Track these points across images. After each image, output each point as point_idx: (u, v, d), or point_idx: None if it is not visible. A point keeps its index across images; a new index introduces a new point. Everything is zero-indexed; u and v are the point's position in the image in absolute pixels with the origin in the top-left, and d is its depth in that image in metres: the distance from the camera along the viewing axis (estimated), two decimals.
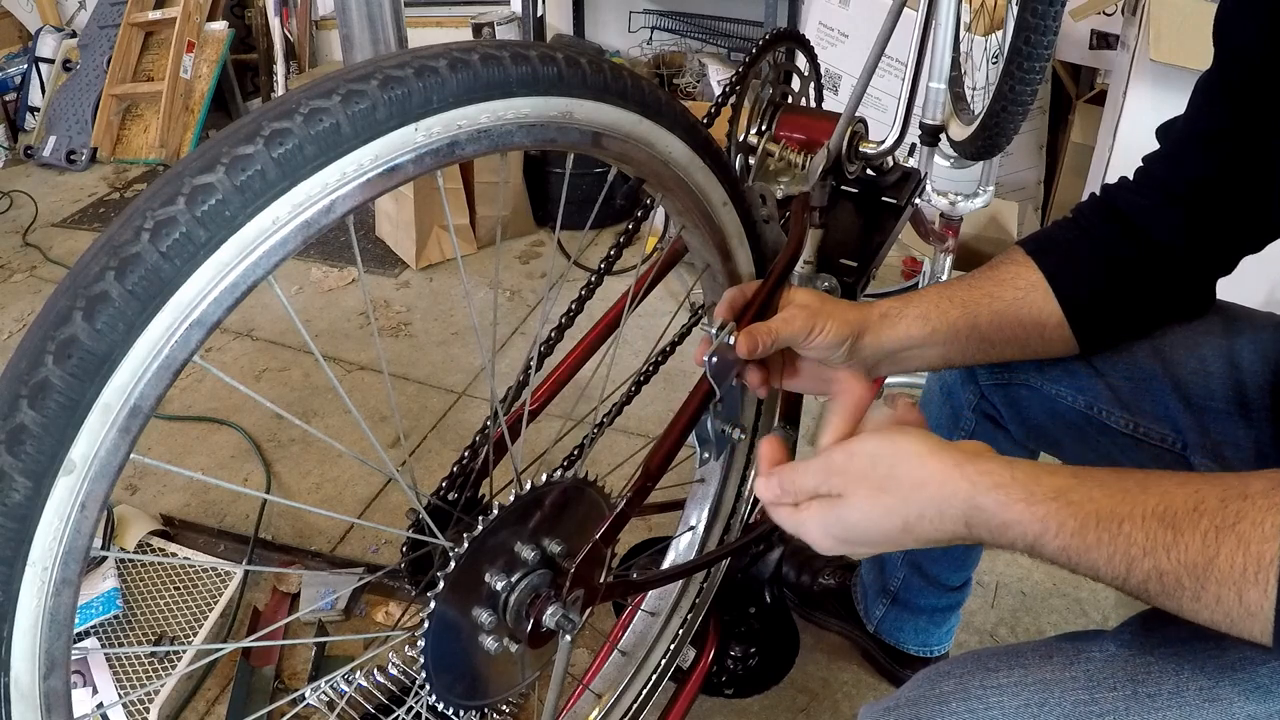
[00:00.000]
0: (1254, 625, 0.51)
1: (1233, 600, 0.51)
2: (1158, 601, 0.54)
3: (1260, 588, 0.50)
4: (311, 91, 0.49)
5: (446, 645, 0.70)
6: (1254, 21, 0.74)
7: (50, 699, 0.47)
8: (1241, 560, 0.50)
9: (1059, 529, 0.56)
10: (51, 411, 0.43)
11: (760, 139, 1.04)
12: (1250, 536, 0.50)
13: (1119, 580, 0.55)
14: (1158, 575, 0.53)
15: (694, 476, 1.07)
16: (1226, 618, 0.52)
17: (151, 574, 1.51)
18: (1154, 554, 0.53)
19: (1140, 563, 0.54)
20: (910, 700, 0.70)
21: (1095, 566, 0.55)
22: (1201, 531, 0.52)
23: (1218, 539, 0.51)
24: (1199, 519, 0.52)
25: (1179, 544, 0.52)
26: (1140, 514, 0.54)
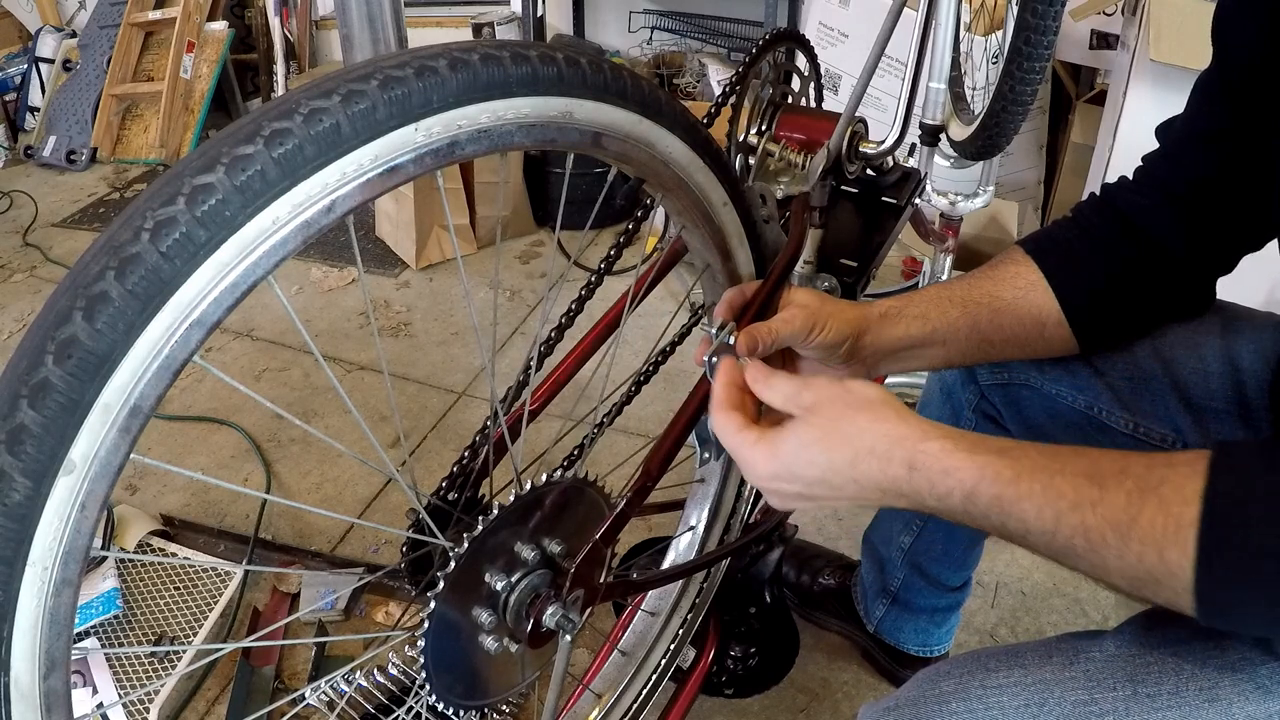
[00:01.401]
0: (1175, 584, 0.53)
1: (1154, 559, 0.53)
2: (1086, 560, 0.56)
3: (1180, 548, 0.52)
4: (311, 91, 0.49)
5: (446, 645, 0.70)
6: (1253, 21, 0.74)
7: (50, 699, 0.47)
8: (1163, 521, 0.52)
9: (995, 478, 0.57)
10: (51, 411, 0.43)
11: (760, 139, 1.04)
12: (1171, 499, 0.53)
13: (1049, 534, 0.56)
14: (1084, 530, 0.55)
15: (694, 476, 1.07)
16: (1150, 575, 0.54)
17: (151, 574, 1.51)
18: (1081, 509, 0.55)
19: (1068, 516, 0.55)
20: (910, 700, 0.70)
21: (1026, 518, 0.57)
22: (1126, 491, 0.54)
23: (1141, 499, 0.53)
24: (1124, 480, 0.54)
25: (1104, 501, 0.54)
26: (1070, 471, 0.56)
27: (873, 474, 0.61)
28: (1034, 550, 0.59)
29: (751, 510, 1.14)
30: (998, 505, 0.57)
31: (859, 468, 0.61)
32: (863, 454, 0.61)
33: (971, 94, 1.79)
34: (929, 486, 0.59)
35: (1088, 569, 0.56)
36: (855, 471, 0.61)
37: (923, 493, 0.60)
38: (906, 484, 0.60)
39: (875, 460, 0.60)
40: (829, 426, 0.62)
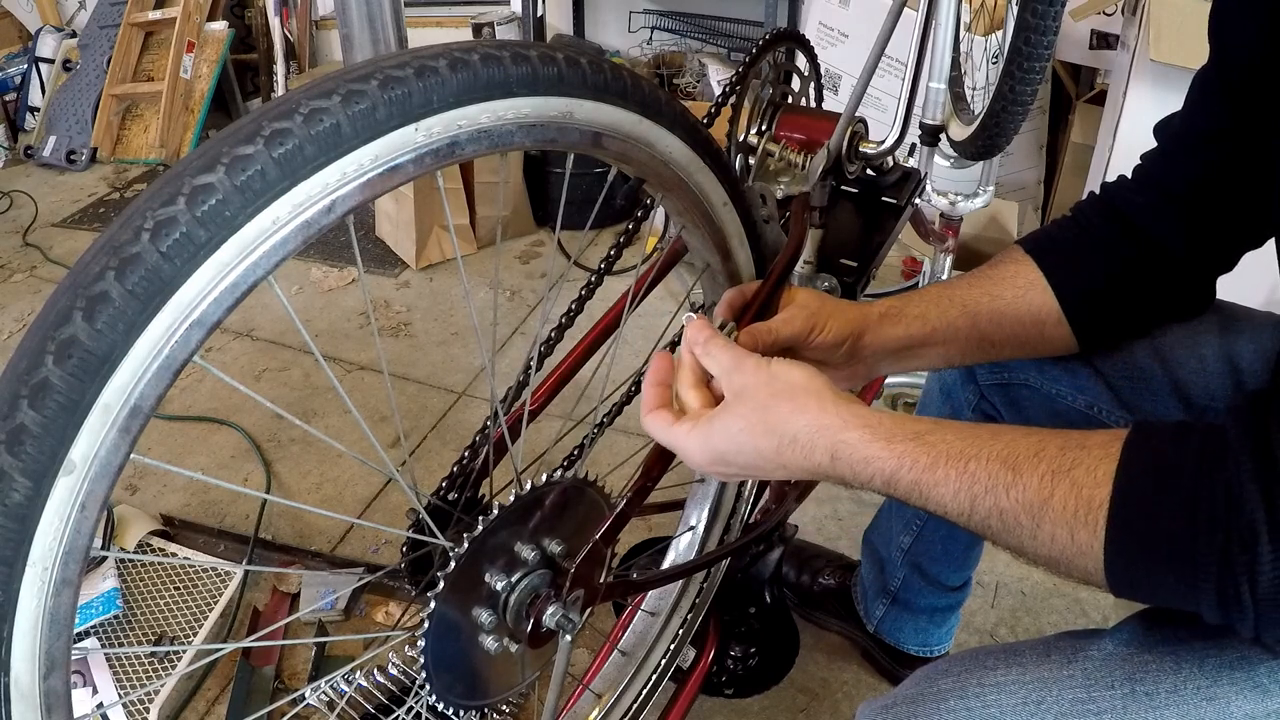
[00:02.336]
0: (1086, 563, 0.54)
1: (1065, 539, 0.54)
2: (1002, 539, 0.57)
3: (1090, 529, 0.53)
4: (311, 91, 0.49)
5: (446, 645, 0.71)
6: (1252, 20, 0.74)
7: (50, 699, 0.47)
8: (1074, 503, 0.54)
9: (912, 465, 0.59)
10: (51, 411, 0.43)
11: (760, 139, 1.04)
12: (1083, 481, 0.54)
13: (965, 515, 0.58)
14: (999, 512, 0.56)
15: (694, 476, 1.07)
16: (1063, 554, 0.55)
17: (151, 574, 1.51)
18: (995, 492, 0.56)
19: (983, 500, 0.57)
20: (908, 698, 0.71)
21: (943, 501, 0.58)
22: (1039, 474, 0.55)
23: (1054, 481, 0.55)
24: (1038, 463, 0.56)
25: (1018, 484, 0.55)
26: (986, 455, 0.57)
27: (798, 460, 0.63)
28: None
29: (751, 510, 1.14)
30: (916, 490, 0.59)
31: (784, 455, 0.63)
32: (786, 443, 0.63)
33: (971, 94, 1.79)
34: (851, 473, 0.61)
35: (1005, 547, 0.58)
36: (781, 458, 0.63)
37: (846, 478, 0.62)
38: (830, 470, 0.62)
39: (799, 449, 0.62)
40: (753, 416, 0.63)
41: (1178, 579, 0.52)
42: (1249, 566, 0.49)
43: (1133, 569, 0.54)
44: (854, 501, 1.69)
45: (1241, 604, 0.50)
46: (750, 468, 0.65)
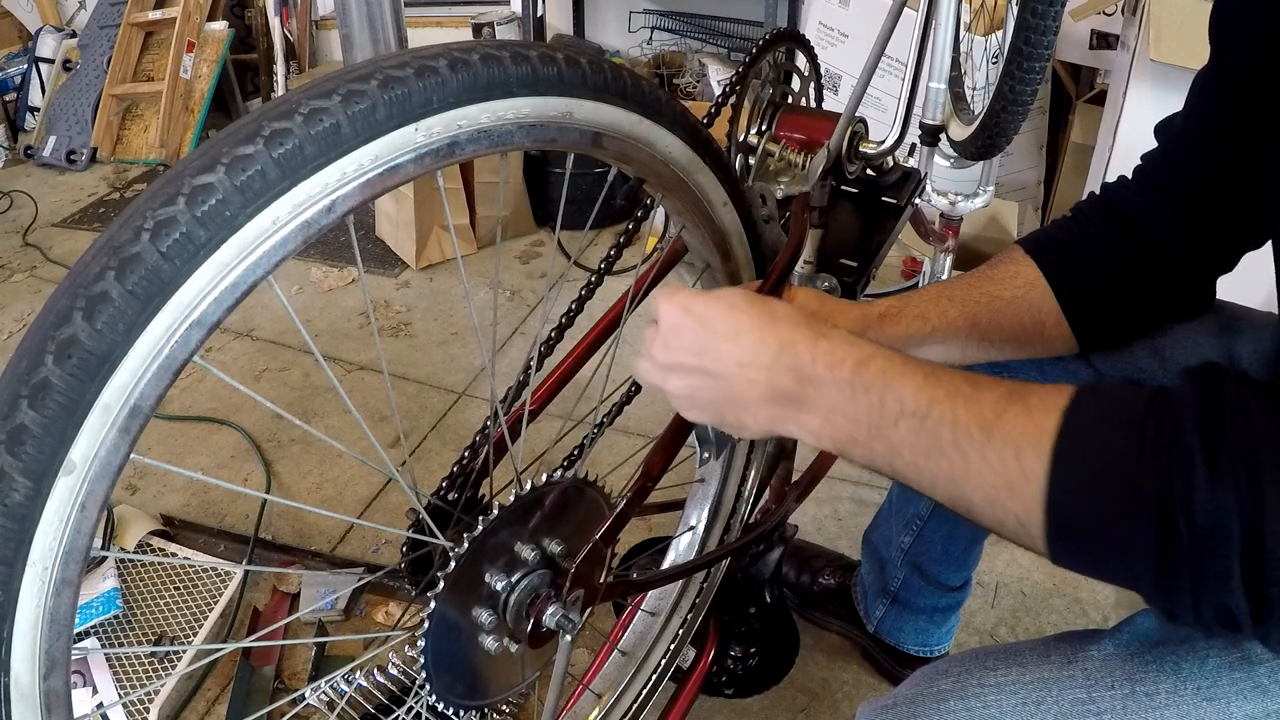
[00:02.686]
0: (1028, 492, 0.53)
1: (1012, 461, 0.53)
2: (947, 454, 0.56)
3: (1037, 453, 0.53)
4: (311, 91, 0.49)
5: (446, 645, 0.71)
6: (1252, 20, 0.74)
7: (50, 699, 0.47)
8: (1024, 424, 0.54)
9: (889, 356, 0.60)
10: (51, 411, 0.43)
11: (760, 139, 1.04)
12: (1036, 407, 0.54)
13: (919, 417, 0.57)
14: (952, 420, 0.56)
15: (694, 476, 1.07)
16: (1006, 481, 0.54)
17: (151, 574, 1.51)
18: (954, 399, 0.56)
19: (941, 403, 0.57)
20: (908, 698, 0.71)
21: (903, 396, 0.58)
22: (997, 394, 0.56)
23: (1009, 402, 0.55)
24: (997, 385, 0.57)
25: (977, 398, 0.56)
26: (952, 373, 0.59)
27: (782, 332, 0.62)
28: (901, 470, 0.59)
29: (751, 510, 1.14)
30: (882, 379, 0.59)
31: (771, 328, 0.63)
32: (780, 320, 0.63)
33: (971, 94, 1.79)
34: (828, 350, 0.61)
35: (947, 478, 0.57)
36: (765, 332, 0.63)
37: (818, 358, 0.61)
38: (808, 347, 0.61)
39: (789, 323, 0.63)
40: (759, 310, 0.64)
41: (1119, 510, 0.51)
42: (1186, 498, 0.48)
43: (1073, 500, 0.52)
44: (854, 502, 1.69)
45: (1180, 540, 0.48)
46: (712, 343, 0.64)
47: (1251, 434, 0.48)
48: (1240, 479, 0.47)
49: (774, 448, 1.15)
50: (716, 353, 0.64)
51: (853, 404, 0.59)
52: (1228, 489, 0.47)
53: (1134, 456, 0.50)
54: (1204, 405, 0.50)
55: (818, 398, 0.61)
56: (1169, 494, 0.49)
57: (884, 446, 0.59)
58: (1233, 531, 0.47)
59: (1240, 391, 0.50)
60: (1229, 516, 0.47)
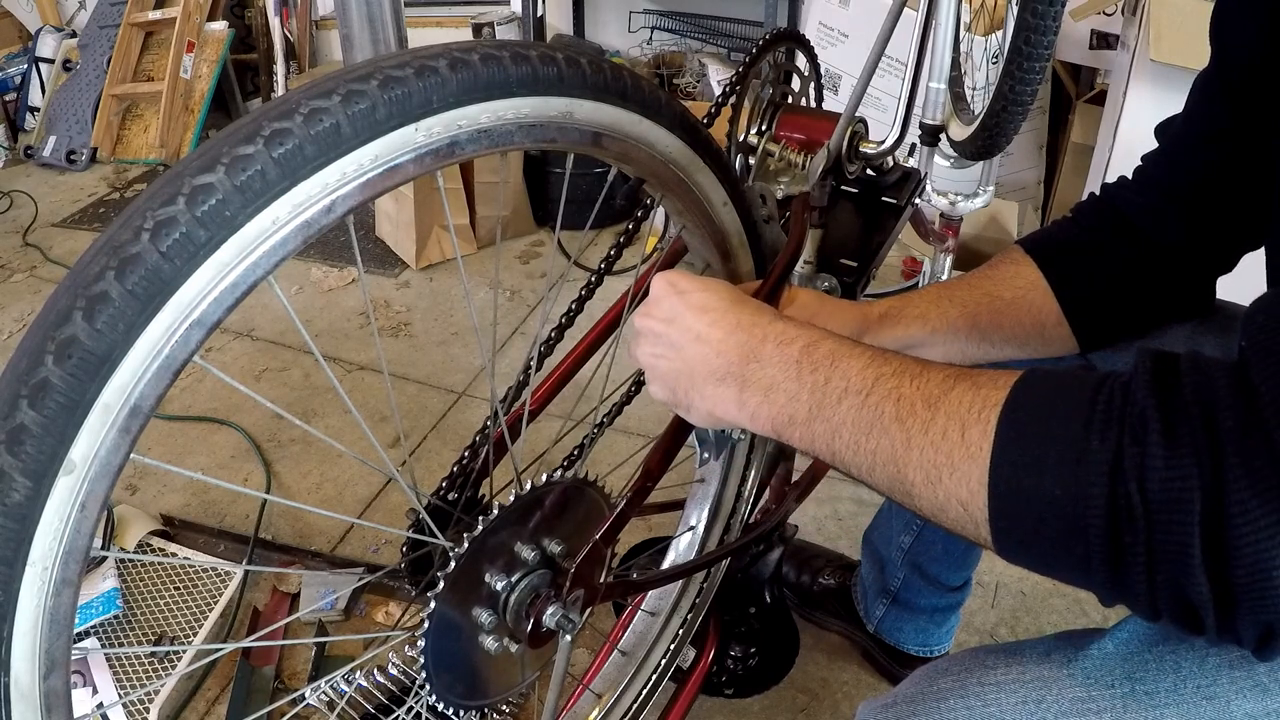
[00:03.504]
0: (970, 468, 0.50)
1: (956, 436, 0.51)
2: (889, 430, 0.54)
3: (981, 426, 0.51)
4: (311, 91, 0.49)
5: (446, 645, 0.71)
6: (1252, 20, 0.74)
7: (50, 699, 0.47)
8: (970, 398, 0.52)
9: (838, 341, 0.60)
10: (51, 411, 0.43)
11: (760, 139, 1.04)
12: (983, 383, 0.53)
13: (865, 389, 0.56)
14: (897, 397, 0.55)
15: (694, 476, 1.07)
16: (949, 459, 0.52)
17: (151, 574, 1.51)
18: (900, 376, 0.56)
19: (887, 380, 0.56)
20: (908, 697, 0.71)
21: (849, 374, 0.57)
22: (944, 374, 0.55)
23: (956, 381, 0.54)
24: (947, 367, 0.56)
25: (923, 376, 0.55)
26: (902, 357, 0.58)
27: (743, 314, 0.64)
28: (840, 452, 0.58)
29: (751, 510, 1.14)
30: (830, 359, 0.59)
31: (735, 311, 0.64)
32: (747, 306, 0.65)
33: (971, 94, 1.79)
34: (781, 331, 0.61)
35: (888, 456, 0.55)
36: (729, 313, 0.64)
37: (769, 337, 0.61)
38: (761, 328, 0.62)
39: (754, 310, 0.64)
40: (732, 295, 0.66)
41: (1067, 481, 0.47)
42: (1139, 463, 0.44)
43: (1018, 476, 0.49)
44: (854, 502, 1.69)
45: (1132, 509, 0.44)
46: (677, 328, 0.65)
47: (1214, 399, 0.44)
48: (1200, 445, 0.43)
49: (774, 448, 1.14)
50: (682, 323, 0.65)
51: (796, 382, 0.59)
52: (1186, 457, 0.43)
53: (1083, 425, 0.47)
54: (1159, 373, 0.47)
55: (759, 375, 0.61)
56: (1120, 462, 0.45)
57: (825, 427, 0.58)
58: (1192, 503, 0.43)
59: (1198, 361, 0.47)
60: (1188, 486, 0.43)
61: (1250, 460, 0.42)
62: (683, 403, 0.67)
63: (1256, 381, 0.44)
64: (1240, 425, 0.43)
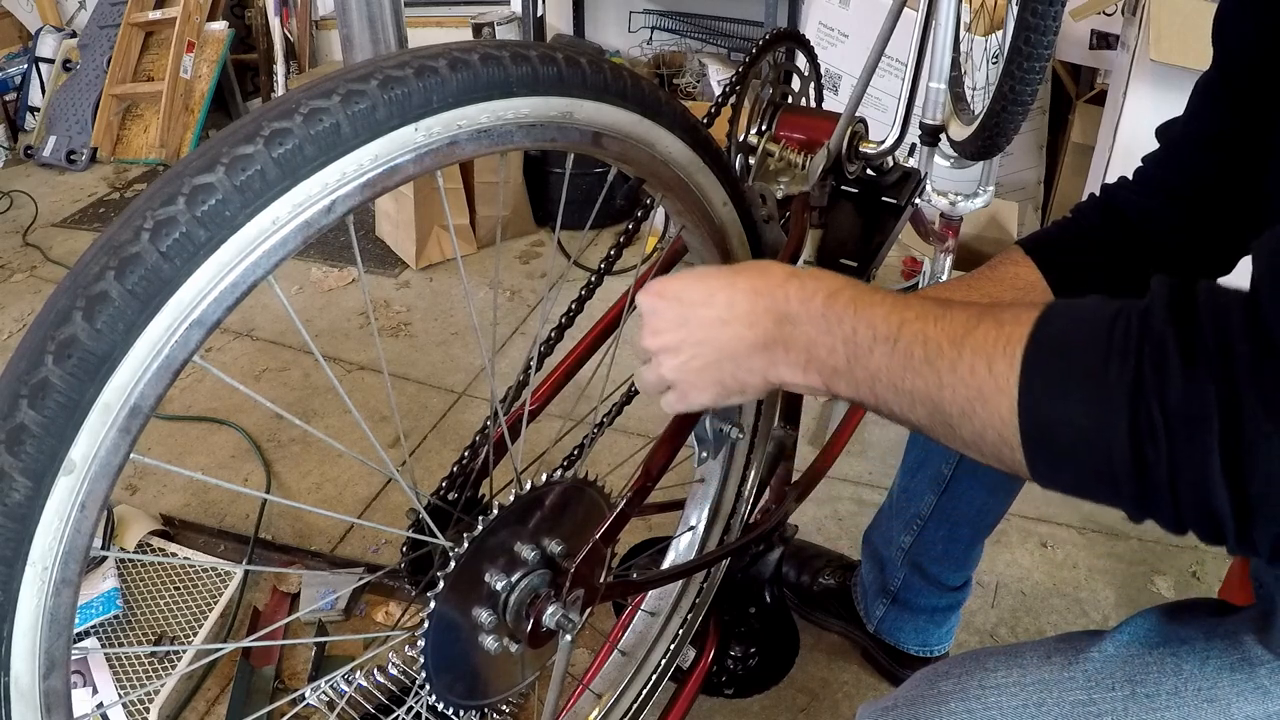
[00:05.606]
0: (1000, 400, 0.52)
1: (984, 371, 0.53)
2: (920, 372, 0.56)
3: (1008, 360, 0.52)
4: (311, 91, 0.49)
5: (447, 645, 0.70)
6: (1253, 21, 0.74)
7: (50, 699, 0.47)
8: (995, 334, 0.53)
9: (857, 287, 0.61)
10: (51, 411, 0.43)
11: (760, 139, 1.04)
12: (1007, 320, 0.54)
13: (891, 340, 0.58)
14: (923, 339, 0.56)
15: (694, 476, 1.07)
16: (979, 392, 0.53)
17: (151, 574, 1.51)
18: (924, 320, 0.57)
19: (912, 324, 0.57)
20: (909, 699, 0.71)
21: (874, 320, 0.58)
22: (969, 313, 0.56)
23: (980, 319, 0.55)
24: (969, 306, 0.57)
25: (947, 317, 0.56)
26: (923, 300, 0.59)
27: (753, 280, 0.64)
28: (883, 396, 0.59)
29: (751, 510, 1.14)
30: (852, 307, 0.60)
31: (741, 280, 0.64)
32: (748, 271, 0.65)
33: (971, 94, 1.79)
34: (799, 287, 0.62)
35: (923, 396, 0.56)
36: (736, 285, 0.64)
37: (790, 295, 0.62)
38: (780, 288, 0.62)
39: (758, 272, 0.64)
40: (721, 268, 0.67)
41: (1090, 407, 0.49)
42: (1159, 385, 0.47)
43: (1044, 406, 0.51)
44: (854, 502, 1.69)
45: (1154, 427, 0.47)
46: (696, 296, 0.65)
47: (1229, 323, 0.47)
48: (1216, 367, 0.46)
49: (774, 448, 1.14)
50: (697, 319, 0.65)
51: (829, 336, 0.60)
52: (1203, 377, 0.46)
53: (1103, 356, 0.49)
54: (1175, 302, 0.49)
55: (797, 334, 0.61)
56: (1141, 386, 0.47)
57: (864, 374, 0.59)
58: (1210, 418, 0.46)
59: (1213, 289, 0.49)
60: (1206, 403, 0.46)
61: (1263, 386, 0.45)
62: (735, 388, 0.66)
63: (1267, 311, 0.46)
64: (1253, 352, 0.46)
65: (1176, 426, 0.46)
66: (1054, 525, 1.64)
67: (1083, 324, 0.51)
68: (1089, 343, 0.50)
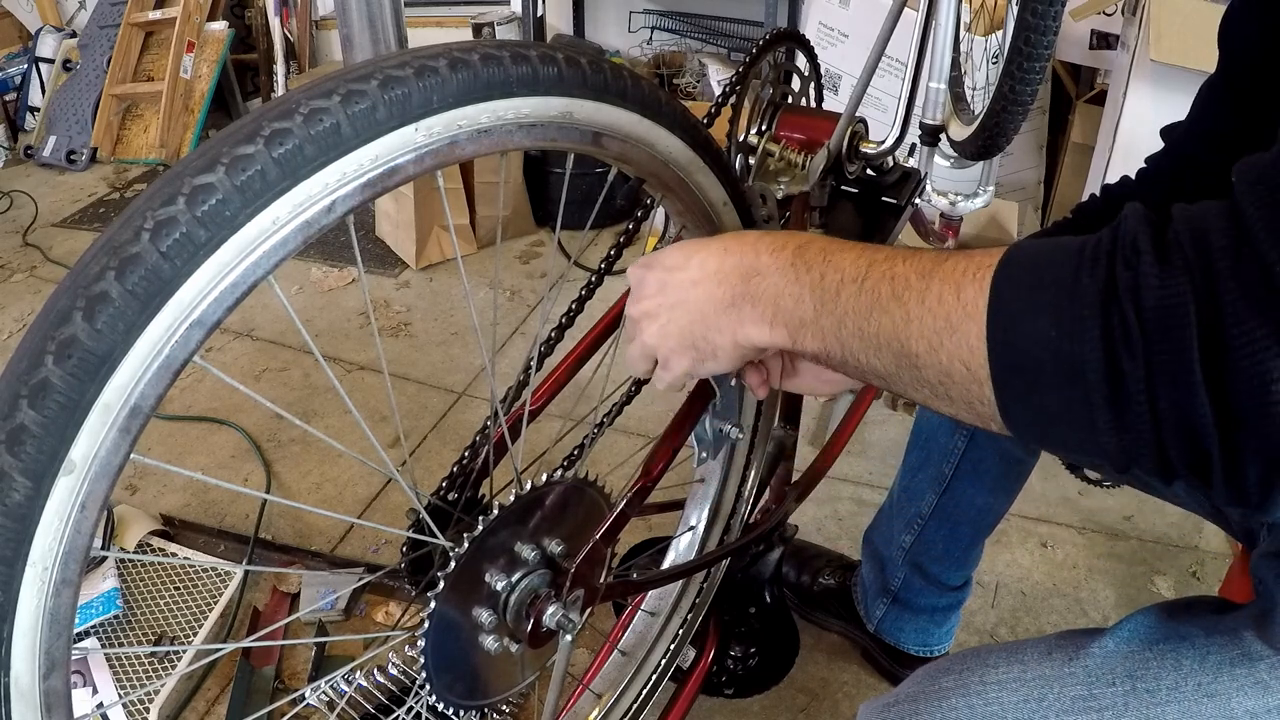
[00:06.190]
0: (969, 327, 0.50)
1: (951, 299, 0.51)
2: (888, 309, 0.55)
3: (976, 285, 0.50)
4: (311, 91, 0.49)
5: (447, 645, 0.70)
6: (1258, 23, 0.74)
7: (50, 699, 0.47)
8: (964, 265, 0.52)
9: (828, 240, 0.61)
10: (51, 411, 0.43)
11: (760, 139, 1.04)
12: (977, 254, 0.53)
13: (860, 276, 0.57)
14: (891, 275, 0.55)
15: (694, 476, 1.07)
16: (947, 322, 0.51)
17: (151, 574, 1.51)
18: (893, 260, 0.56)
19: (880, 264, 0.56)
20: (910, 696, 0.71)
21: (843, 266, 0.58)
22: (935, 253, 0.55)
23: (949, 255, 0.54)
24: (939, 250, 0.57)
25: (915, 256, 0.56)
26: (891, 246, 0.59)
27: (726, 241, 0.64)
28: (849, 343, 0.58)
29: (751, 510, 1.14)
30: (823, 254, 0.59)
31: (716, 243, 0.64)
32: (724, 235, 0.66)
33: (971, 94, 1.79)
34: (770, 241, 0.62)
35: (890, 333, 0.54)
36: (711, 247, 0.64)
37: (761, 250, 0.62)
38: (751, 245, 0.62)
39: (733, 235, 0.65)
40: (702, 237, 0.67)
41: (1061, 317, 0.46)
42: (1132, 284, 0.44)
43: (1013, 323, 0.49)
44: (854, 502, 1.69)
45: (1128, 330, 0.44)
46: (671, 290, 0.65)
47: (1205, 224, 0.44)
48: (1193, 264, 0.43)
49: (774, 448, 1.15)
50: (673, 282, 0.65)
51: (797, 285, 0.59)
52: (1179, 274, 0.43)
53: (1074, 265, 0.47)
54: (1149, 212, 0.47)
55: (763, 286, 0.61)
56: (1113, 288, 0.45)
57: (831, 320, 0.58)
58: (1188, 317, 0.43)
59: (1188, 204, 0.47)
60: (1182, 302, 0.43)
61: (1242, 276, 0.42)
62: (706, 350, 0.65)
63: (1244, 205, 0.44)
64: (1231, 243, 0.43)
65: (1151, 327, 0.43)
66: (1054, 525, 1.64)
67: (1055, 244, 0.50)
68: (1060, 259, 0.48)
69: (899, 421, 1.86)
